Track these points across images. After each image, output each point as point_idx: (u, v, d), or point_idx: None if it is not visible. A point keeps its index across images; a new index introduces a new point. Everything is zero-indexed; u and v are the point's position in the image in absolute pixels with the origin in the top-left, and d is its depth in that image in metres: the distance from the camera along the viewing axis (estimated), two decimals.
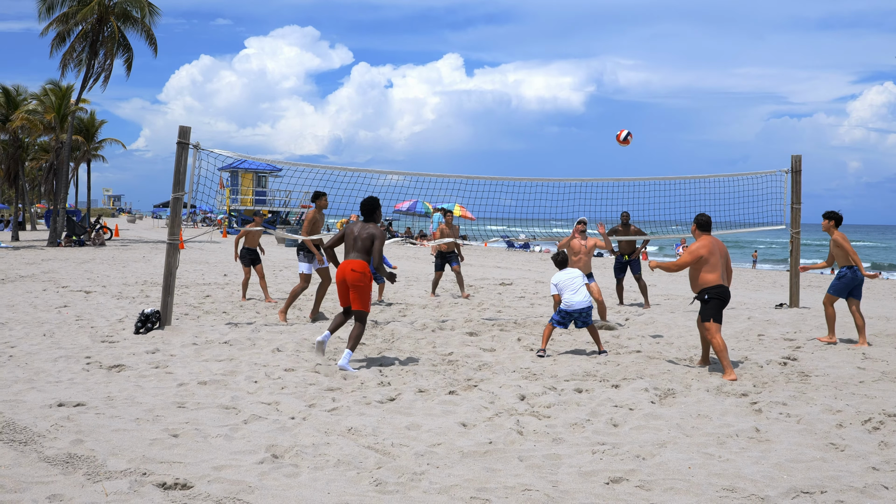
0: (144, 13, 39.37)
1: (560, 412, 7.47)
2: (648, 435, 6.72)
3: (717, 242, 9.79)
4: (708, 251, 9.59)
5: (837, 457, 6.15)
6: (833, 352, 10.85)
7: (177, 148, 11.87)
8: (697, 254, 9.60)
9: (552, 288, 11.01)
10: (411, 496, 5.13)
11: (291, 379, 8.63)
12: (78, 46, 38.39)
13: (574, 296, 10.77)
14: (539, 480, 5.47)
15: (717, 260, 9.61)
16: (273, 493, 5.07)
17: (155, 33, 39.69)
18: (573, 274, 10.99)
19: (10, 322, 12.31)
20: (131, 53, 40.19)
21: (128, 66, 40.67)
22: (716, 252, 9.64)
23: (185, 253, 30.12)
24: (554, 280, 11.01)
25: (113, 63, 39.10)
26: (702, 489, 5.35)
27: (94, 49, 38.36)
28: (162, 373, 8.86)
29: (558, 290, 10.90)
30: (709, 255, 9.57)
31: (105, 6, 38.04)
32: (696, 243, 9.73)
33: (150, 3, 39.49)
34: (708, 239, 9.74)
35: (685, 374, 9.25)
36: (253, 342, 10.86)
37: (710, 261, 9.58)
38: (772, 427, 6.98)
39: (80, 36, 38.14)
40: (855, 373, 9.47)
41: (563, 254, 11.27)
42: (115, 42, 38.51)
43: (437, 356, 10.31)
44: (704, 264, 9.59)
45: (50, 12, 37.98)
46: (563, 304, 10.80)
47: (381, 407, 7.52)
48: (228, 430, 6.54)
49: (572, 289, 10.84)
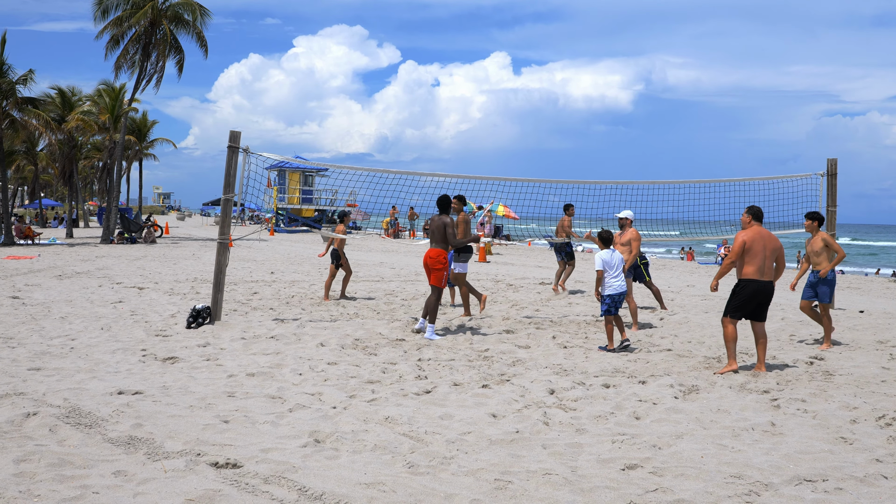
0: (196, 16, 40.36)
1: (586, 405, 7.88)
2: (667, 427, 7.11)
3: (765, 234, 9.62)
4: (750, 239, 9.49)
5: (845, 449, 6.50)
6: (860, 352, 11.10)
7: (227, 152, 12.45)
8: (740, 241, 9.51)
9: (599, 263, 11.12)
10: (441, 477, 5.59)
11: (334, 372, 9.14)
12: (131, 49, 39.48)
13: (617, 279, 11.10)
14: (560, 466, 5.90)
15: (759, 250, 9.49)
16: (315, 473, 5.57)
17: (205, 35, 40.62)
18: (617, 256, 11.30)
19: (69, 316, 12.99)
20: (182, 55, 41.24)
21: (179, 68, 41.73)
22: (759, 242, 9.51)
23: (234, 251, 30.85)
24: (603, 256, 11.15)
25: (165, 65, 40.11)
26: (711, 476, 5.75)
27: (146, 51, 39.43)
28: (213, 365, 9.42)
29: (605, 268, 11.12)
30: (751, 244, 9.48)
31: (158, 9, 39.06)
32: (742, 232, 9.68)
33: (201, 6, 40.46)
34: (754, 229, 9.63)
35: (711, 372, 9.58)
36: (298, 337, 11.39)
37: (751, 250, 9.48)
38: (787, 422, 7.33)
39: (133, 39, 39.20)
40: (878, 372, 9.74)
41: (609, 231, 11.45)
42: (167, 44, 39.50)
43: (474, 352, 10.75)
44: (746, 253, 9.50)
45: (105, 16, 39.11)
46: (610, 288, 11.09)
47: (417, 398, 7.99)
48: (275, 417, 7.07)
49: (616, 271, 11.16)
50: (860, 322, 13.95)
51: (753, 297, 9.59)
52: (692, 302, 17.29)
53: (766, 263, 9.57)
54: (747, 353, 10.96)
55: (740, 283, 9.65)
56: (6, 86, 33.00)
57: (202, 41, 40.72)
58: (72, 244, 35.13)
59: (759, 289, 9.58)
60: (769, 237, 9.68)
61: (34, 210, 65.86)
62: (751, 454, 6.30)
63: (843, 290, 21.03)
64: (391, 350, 10.62)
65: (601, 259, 11.16)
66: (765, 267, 9.56)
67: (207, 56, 41.80)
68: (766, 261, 9.58)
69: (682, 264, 35.81)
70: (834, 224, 15.92)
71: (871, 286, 23.96)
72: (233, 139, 12.43)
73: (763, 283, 9.58)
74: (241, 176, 12.55)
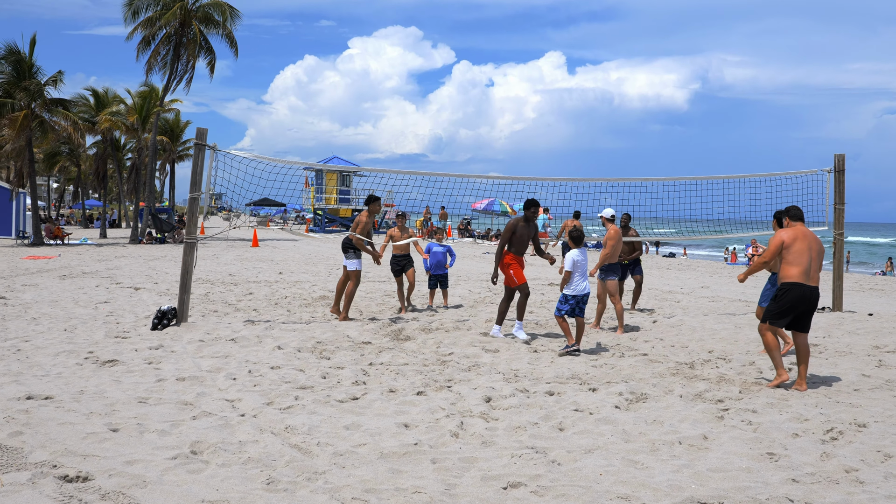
0: (226, 17, 40.44)
1: (513, 415, 7.41)
2: (586, 440, 6.62)
3: (807, 233, 8.81)
4: (791, 238, 8.70)
5: (765, 467, 5.95)
6: (849, 358, 10.47)
7: (194, 149, 12.18)
8: (778, 239, 8.74)
9: (568, 263, 10.73)
10: (297, 495, 5.19)
11: (271, 377, 8.78)
12: (162, 50, 39.70)
13: (583, 281, 10.66)
14: (435, 483, 5.46)
15: (802, 249, 8.67)
16: (163, 489, 5.20)
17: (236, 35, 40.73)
18: (586, 256, 10.88)
19: (42, 317, 12.86)
20: (213, 56, 41.38)
21: (210, 69, 41.89)
22: (802, 241, 8.70)
23: (255, 251, 30.77)
24: (574, 256, 10.76)
25: (195, 65, 40.29)
26: (594, 497, 5.26)
27: (177, 52, 39.62)
28: (150, 368, 9.12)
29: (573, 269, 10.71)
30: (791, 242, 8.68)
31: (187, 10, 39.22)
32: (781, 230, 8.93)
33: (231, 7, 40.56)
34: (796, 228, 8.84)
35: (674, 380, 9.05)
36: (260, 340, 11.07)
37: (792, 248, 8.67)
38: (722, 435, 6.79)
39: (163, 40, 39.42)
40: (856, 380, 9.12)
41: (580, 231, 11.01)
42: (197, 45, 39.64)
43: (436, 356, 10.33)
44: (787, 254, 8.69)
45: (135, 17, 39.37)
46: (573, 289, 10.66)
47: (338, 406, 7.59)
48: (170, 425, 6.72)
49: (583, 272, 10.71)
50: (864, 326, 13.22)
51: (798, 304, 8.67)
52: (697, 304, 16.65)
53: (812, 266, 8.69)
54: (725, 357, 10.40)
55: (783, 287, 8.73)
56: (34, 87, 33.31)
57: (232, 42, 40.83)
58: (100, 244, 35.40)
59: (803, 295, 8.64)
60: (813, 237, 8.81)
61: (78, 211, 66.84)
62: (657, 472, 5.79)
63: (864, 292, 20.18)
64: (348, 354, 10.23)
65: (571, 259, 10.71)
66: (811, 269, 8.68)
67: (238, 57, 41.93)
68: (813, 263, 8.70)
69: (706, 265, 34.66)
70: (842, 222, 15.18)
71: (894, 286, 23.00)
72: (199, 136, 12.17)
73: (809, 287, 8.66)
74: (209, 174, 12.25)
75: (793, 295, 8.66)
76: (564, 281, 10.74)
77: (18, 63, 33.68)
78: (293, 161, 14.82)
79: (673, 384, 8.81)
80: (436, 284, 15.42)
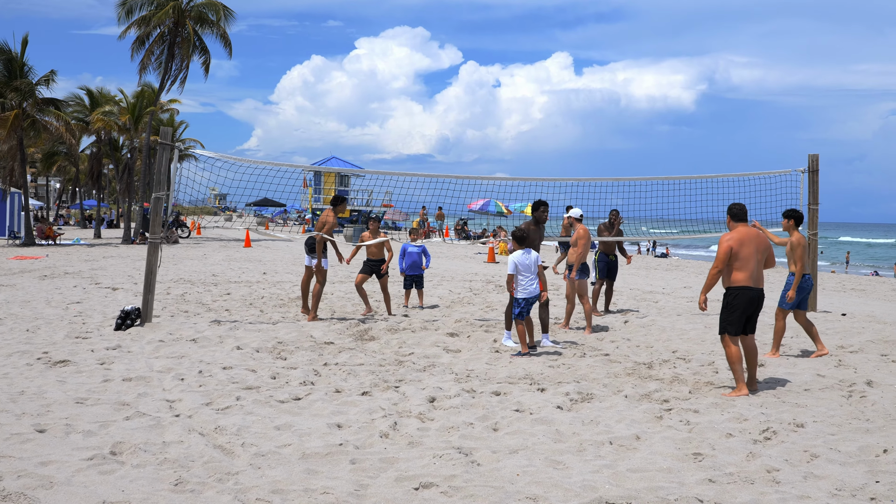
0: (220, 16, 40.40)
1: (452, 415, 7.38)
2: (516, 440, 6.58)
3: (752, 234, 8.57)
4: (738, 243, 8.43)
5: (686, 468, 5.91)
6: (810, 359, 10.37)
7: (158, 149, 12.17)
8: (726, 247, 8.42)
9: (511, 267, 10.54)
10: (203, 496, 5.17)
11: (221, 377, 8.76)
12: (156, 49, 39.66)
13: (532, 283, 10.56)
14: (347, 484, 5.43)
15: (749, 254, 8.43)
16: (68, 490, 5.18)
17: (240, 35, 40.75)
18: (533, 257, 10.68)
19: (8, 318, 12.84)
20: (208, 56, 41.30)
21: (205, 69, 41.82)
22: (748, 246, 8.45)
23: (247, 251, 30.77)
24: (515, 258, 10.55)
25: (189, 65, 40.23)
26: (504, 497, 5.22)
27: (171, 52, 39.58)
28: (100, 369, 9.09)
29: (517, 272, 10.55)
30: (739, 248, 8.41)
31: (181, 10, 39.19)
32: (725, 235, 8.60)
33: (225, 7, 40.50)
34: (740, 230, 8.56)
35: (627, 380, 9.00)
36: (221, 340, 11.04)
37: (740, 254, 8.41)
38: (655, 435, 6.75)
39: (157, 39, 39.39)
40: (809, 380, 9.05)
41: (524, 231, 10.78)
42: (191, 44, 39.60)
43: (395, 356, 10.30)
44: (735, 259, 8.41)
45: (129, 16, 39.31)
46: (525, 292, 10.55)
47: (277, 406, 7.57)
48: (98, 426, 6.69)
49: (531, 274, 10.61)
50: (834, 326, 13.14)
51: (747, 308, 8.49)
52: (674, 304, 16.57)
53: (758, 268, 8.54)
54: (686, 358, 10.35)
55: (731, 292, 8.50)
56: (25, 87, 33.33)
57: (226, 41, 40.78)
58: (92, 244, 35.42)
59: (751, 298, 8.48)
60: (757, 237, 8.58)
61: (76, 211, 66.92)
62: (575, 472, 5.75)
63: (846, 292, 20.11)
64: (307, 354, 10.21)
65: (512, 261, 10.58)
66: (757, 272, 8.52)
67: (232, 56, 41.87)
68: (758, 265, 8.55)
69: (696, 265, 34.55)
70: (816, 223, 15.10)
71: (878, 287, 22.89)
72: (163, 136, 12.15)
73: (756, 290, 8.50)
74: (174, 174, 12.24)
75: (742, 300, 8.48)
76: (509, 284, 10.65)
77: (9, 62, 33.68)
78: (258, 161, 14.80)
79: (624, 384, 8.76)
80: (411, 285, 15.40)
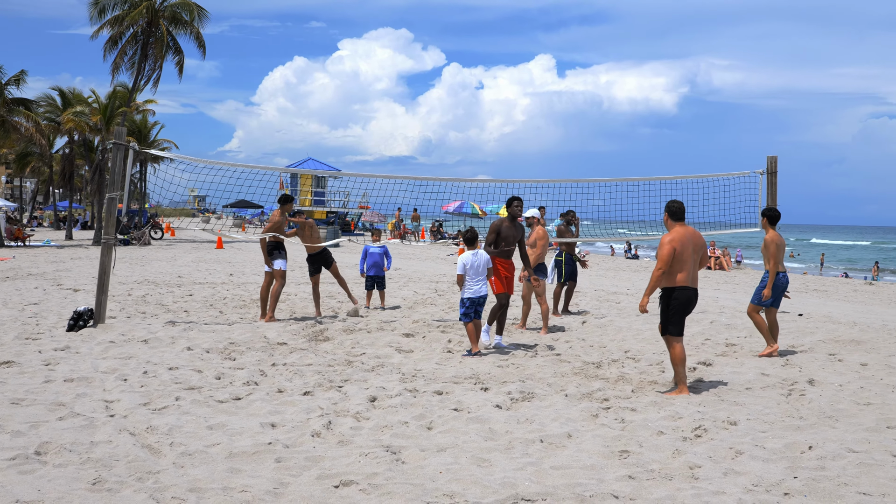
0: (193, 16, 40.31)
1: (389, 414, 7.40)
2: (447, 439, 6.62)
3: (690, 234, 8.47)
4: (680, 244, 8.32)
5: (610, 465, 5.95)
6: (759, 358, 10.43)
7: (112, 149, 12.13)
8: (669, 248, 8.29)
9: (460, 267, 10.55)
10: (119, 495, 5.17)
11: (165, 377, 8.74)
12: (129, 49, 39.49)
13: (478, 283, 10.59)
14: (267, 482, 5.44)
15: (688, 255, 8.34)
16: None
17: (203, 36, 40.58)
18: (482, 258, 10.72)
19: None
20: (182, 56, 41.21)
21: (179, 69, 41.73)
22: (688, 246, 8.36)
23: (217, 252, 30.67)
24: (464, 260, 10.57)
25: (162, 65, 40.11)
26: (421, 494, 5.26)
27: (144, 52, 39.42)
28: (44, 369, 9.05)
29: (466, 272, 10.56)
30: (681, 249, 8.31)
31: (154, 9, 39.06)
32: (666, 236, 8.45)
33: (199, 7, 40.43)
34: (679, 230, 8.46)
35: (573, 379, 9.05)
36: (173, 341, 11.02)
37: (682, 255, 8.31)
38: (586, 434, 6.80)
39: (130, 39, 39.23)
40: (753, 378, 9.12)
41: (474, 231, 10.78)
42: (164, 45, 39.47)
43: (346, 356, 10.30)
44: (676, 260, 8.31)
45: (101, 16, 39.13)
46: (469, 291, 10.57)
47: (215, 406, 7.56)
48: (28, 426, 6.67)
49: (480, 275, 10.64)
50: (789, 326, 13.24)
51: (687, 308, 8.43)
52: (634, 305, 16.58)
53: (694, 269, 8.44)
54: (636, 357, 10.42)
55: (673, 292, 8.38)
56: None
57: (200, 41, 40.69)
58: (62, 246, 35.21)
59: (689, 298, 8.42)
60: (694, 235, 8.49)
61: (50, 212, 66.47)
62: (498, 470, 5.78)
63: (808, 293, 20.26)
64: (257, 354, 10.20)
65: (461, 262, 10.62)
66: (693, 272, 8.42)
67: (205, 57, 41.78)
68: (695, 266, 8.46)
69: None
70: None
71: (840, 289, 23.08)
72: (117, 136, 12.12)
73: (693, 290, 8.44)
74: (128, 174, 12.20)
75: (682, 300, 8.45)
76: (459, 284, 10.69)
77: None
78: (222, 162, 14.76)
79: (568, 384, 8.81)
80: (372, 286, 15.39)
